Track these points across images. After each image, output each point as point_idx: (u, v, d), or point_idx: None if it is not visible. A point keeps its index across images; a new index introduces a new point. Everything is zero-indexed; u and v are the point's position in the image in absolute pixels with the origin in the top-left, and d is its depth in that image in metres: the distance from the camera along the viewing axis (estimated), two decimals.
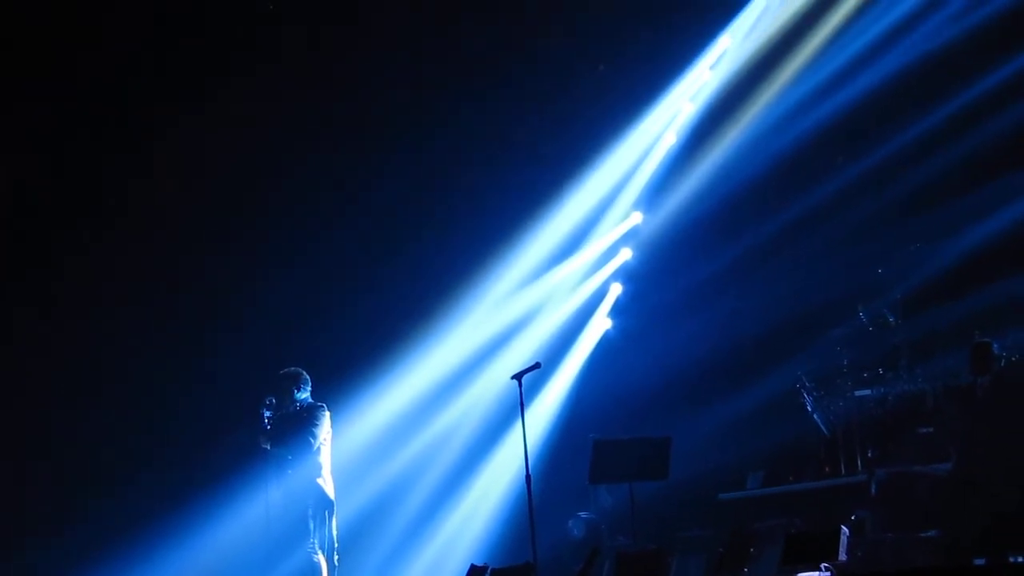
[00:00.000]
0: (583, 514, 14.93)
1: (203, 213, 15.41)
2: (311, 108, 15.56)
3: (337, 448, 12.57)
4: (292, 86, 15.52)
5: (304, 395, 12.37)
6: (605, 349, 16.54)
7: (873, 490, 12.88)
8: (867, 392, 14.46)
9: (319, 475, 12.14)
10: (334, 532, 12.10)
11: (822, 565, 10.53)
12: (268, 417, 12.20)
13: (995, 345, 12.36)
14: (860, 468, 14.12)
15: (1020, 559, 11.31)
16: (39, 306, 15.12)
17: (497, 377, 15.44)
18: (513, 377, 12.23)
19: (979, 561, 11.42)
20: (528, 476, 11.95)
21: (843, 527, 10.74)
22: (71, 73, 14.93)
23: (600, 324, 16.66)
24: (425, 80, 15.79)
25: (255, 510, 12.64)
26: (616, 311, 16.71)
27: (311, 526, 12.04)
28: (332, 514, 12.14)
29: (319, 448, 12.16)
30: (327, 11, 15.58)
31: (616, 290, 16.76)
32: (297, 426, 12.18)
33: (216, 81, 15.30)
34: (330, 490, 12.18)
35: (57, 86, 14.94)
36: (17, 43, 14.76)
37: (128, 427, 14.90)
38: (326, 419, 12.26)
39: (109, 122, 15.21)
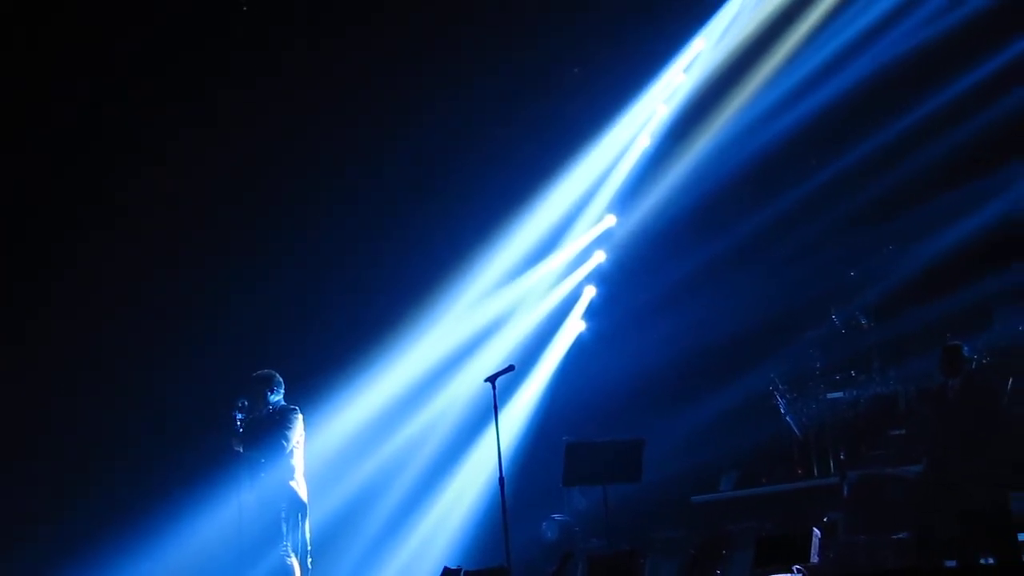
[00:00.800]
0: (557, 516, 14.95)
1: (170, 223, 15.36)
2: (284, 117, 15.52)
3: (310, 451, 12.54)
4: (279, 86, 15.49)
5: (277, 398, 12.33)
6: (579, 352, 16.55)
7: (845, 492, 12.91)
8: (839, 394, 14.51)
9: (292, 478, 12.11)
10: (307, 535, 12.06)
11: (794, 567, 10.57)
12: (240, 420, 12.17)
13: (966, 348, 12.41)
14: (832, 470, 14.16)
15: (991, 561, 11.35)
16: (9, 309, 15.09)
17: (471, 380, 15.44)
18: (487, 379, 12.21)
19: (950, 563, 11.46)
20: (501, 478, 11.94)
21: (815, 529, 10.77)
22: (69, 73, 14.91)
23: (574, 326, 16.68)
24: (398, 85, 15.76)
25: (228, 513, 12.59)
26: (590, 313, 16.73)
27: (284, 529, 11.99)
28: (305, 517, 12.10)
29: (292, 451, 12.12)
30: (305, 16, 15.60)
31: (590, 292, 16.78)
32: (270, 429, 12.14)
33: (209, 81, 15.30)
34: (303, 493, 12.15)
35: (57, 86, 14.92)
36: (17, 43, 14.72)
37: (99, 430, 14.83)
38: (299, 422, 12.23)
39: (106, 121, 15.19)
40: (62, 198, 15.15)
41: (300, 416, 12.24)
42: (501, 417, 12.32)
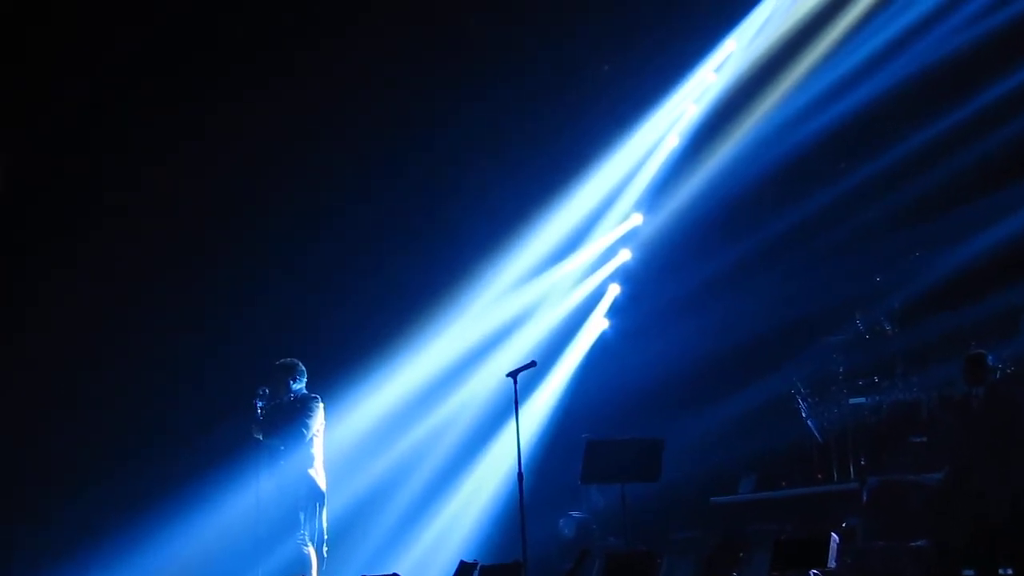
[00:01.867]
0: (574, 513, 14.93)
1: (197, 206, 15.38)
2: (311, 107, 15.52)
3: (330, 440, 12.57)
4: (292, 86, 15.47)
5: (299, 386, 12.37)
6: (602, 349, 16.54)
7: (864, 498, 12.87)
8: (862, 400, 14.46)
9: (311, 466, 12.14)
10: (324, 524, 12.10)
11: (811, 572, 10.53)
12: (261, 407, 12.20)
13: (990, 357, 12.34)
14: (852, 476, 14.11)
15: (1009, 571, 11.31)
16: (30, 296, 15.12)
17: (493, 374, 15.44)
18: (508, 374, 12.18)
19: (968, 572, 11.42)
20: (520, 474, 11.92)
21: (833, 534, 10.73)
22: (69, 72, 14.94)
23: (597, 324, 16.67)
24: (428, 78, 15.77)
25: (246, 500, 12.62)
26: (614, 311, 16.71)
27: (301, 517, 12.03)
28: (323, 506, 12.14)
29: (312, 439, 12.16)
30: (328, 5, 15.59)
31: (614, 291, 16.76)
32: (290, 416, 12.18)
33: (216, 82, 15.30)
34: (322, 482, 12.18)
35: (57, 86, 14.95)
36: (17, 43, 14.77)
37: (122, 416, 14.87)
38: (320, 411, 12.26)
39: (106, 121, 15.22)
40: (62, 198, 15.17)
41: (321, 405, 12.27)
42: (521, 413, 12.30)
